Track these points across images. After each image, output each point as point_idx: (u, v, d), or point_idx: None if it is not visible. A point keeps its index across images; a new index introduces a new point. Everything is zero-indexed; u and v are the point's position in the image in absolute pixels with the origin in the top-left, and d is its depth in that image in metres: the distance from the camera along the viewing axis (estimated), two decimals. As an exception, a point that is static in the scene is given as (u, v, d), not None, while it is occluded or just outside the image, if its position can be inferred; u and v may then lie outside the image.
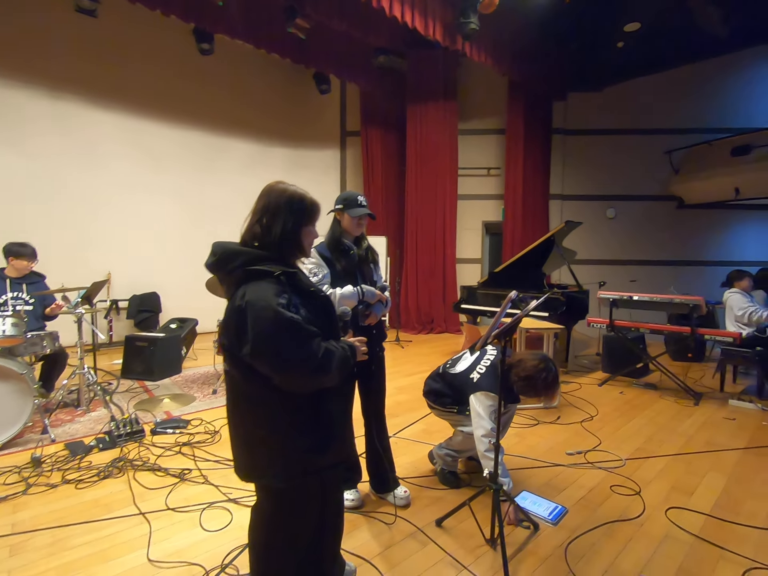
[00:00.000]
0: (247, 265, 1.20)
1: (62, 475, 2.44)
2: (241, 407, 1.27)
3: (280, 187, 1.30)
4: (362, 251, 2.12)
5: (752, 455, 2.85)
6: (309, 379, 1.20)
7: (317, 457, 1.26)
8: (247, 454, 1.28)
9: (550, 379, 2.12)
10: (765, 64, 7.20)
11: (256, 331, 1.12)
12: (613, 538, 1.97)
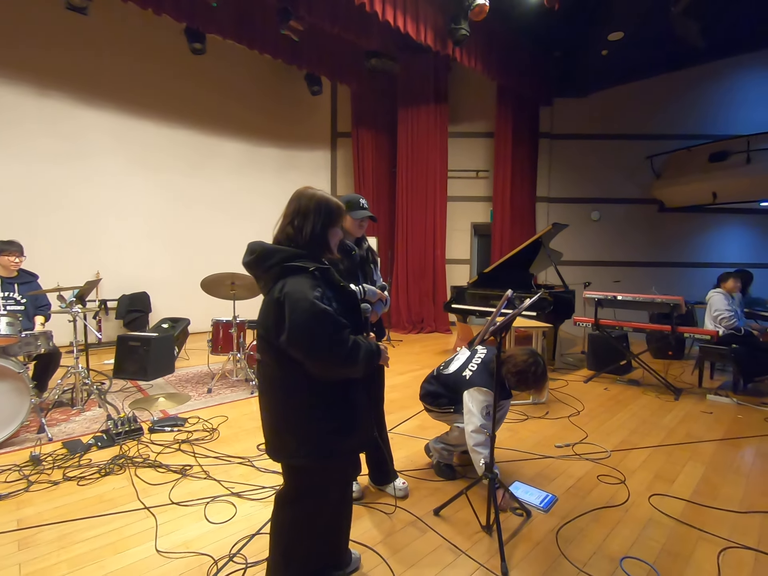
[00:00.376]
0: (284, 261, 1.32)
1: (63, 472, 2.46)
2: (274, 392, 1.38)
3: (309, 192, 1.43)
4: (363, 252, 2.20)
5: (728, 446, 3.01)
6: (338, 366, 1.31)
7: (343, 439, 1.38)
8: (278, 435, 1.39)
9: (540, 372, 2.25)
10: (742, 73, 7.50)
11: (293, 320, 1.24)
12: (600, 523, 2.09)
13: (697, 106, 7.61)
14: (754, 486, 2.47)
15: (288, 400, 1.36)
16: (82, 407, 3.47)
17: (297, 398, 1.35)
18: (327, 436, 1.36)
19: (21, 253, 3.51)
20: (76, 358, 3.34)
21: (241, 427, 3.22)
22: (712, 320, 4.27)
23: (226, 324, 4.34)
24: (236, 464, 2.62)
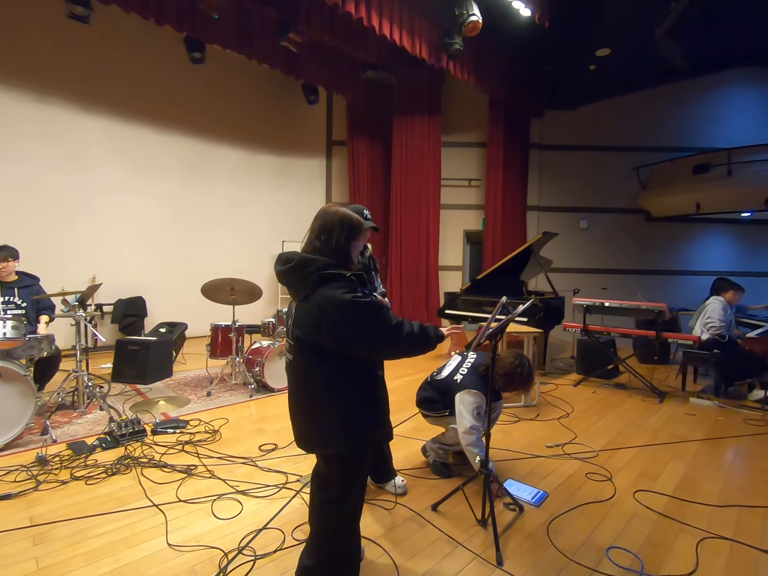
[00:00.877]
0: (322, 270, 1.45)
1: (70, 472, 2.52)
2: (314, 388, 1.52)
3: (333, 210, 1.58)
4: (366, 260, 2.32)
5: (709, 446, 3.17)
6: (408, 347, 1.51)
7: (374, 430, 1.57)
8: (314, 428, 1.54)
9: (526, 374, 2.41)
10: (722, 89, 7.83)
11: (351, 318, 1.40)
12: (588, 517, 2.22)
13: (680, 119, 7.91)
14: (731, 482, 2.62)
15: (328, 396, 1.50)
16: (84, 410, 3.52)
17: (336, 393, 1.50)
18: (360, 428, 1.53)
19: (13, 257, 3.52)
20: (79, 361, 3.40)
21: (242, 429, 3.30)
22: (702, 325, 4.42)
23: (225, 328, 4.41)
24: (239, 464, 2.70)
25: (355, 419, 1.52)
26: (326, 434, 1.51)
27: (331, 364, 1.48)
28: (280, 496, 2.33)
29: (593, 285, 7.37)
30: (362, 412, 1.53)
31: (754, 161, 6.64)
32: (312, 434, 1.56)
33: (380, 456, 2.39)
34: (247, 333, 4.81)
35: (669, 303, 4.81)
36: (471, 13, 4.95)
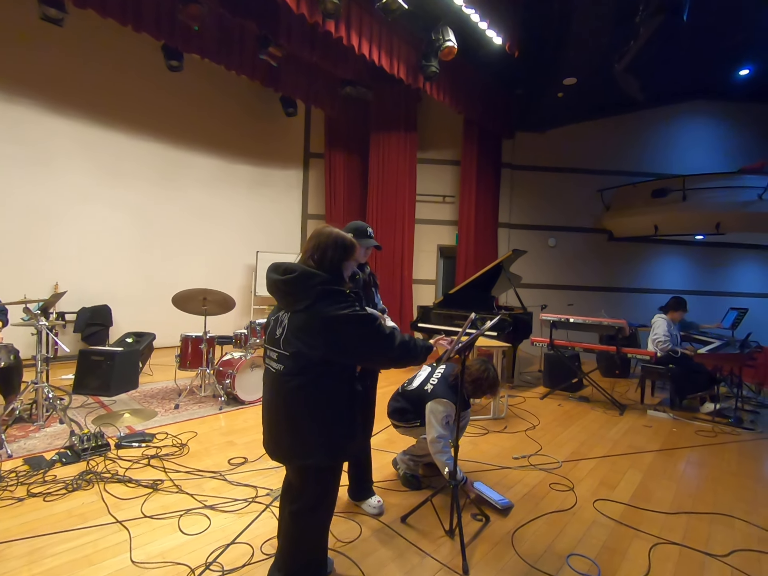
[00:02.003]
0: (323, 284, 1.51)
1: (27, 488, 2.42)
2: (295, 399, 1.55)
3: (327, 231, 1.65)
4: (366, 276, 2.35)
5: (663, 456, 3.35)
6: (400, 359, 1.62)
7: (350, 441, 1.63)
8: (294, 438, 1.57)
9: (492, 378, 2.54)
10: (678, 120, 8.40)
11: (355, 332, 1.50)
12: (551, 526, 2.31)
13: (641, 146, 8.41)
14: (682, 490, 2.78)
15: (313, 407, 1.55)
16: (43, 423, 3.37)
17: (321, 405, 1.55)
18: (342, 438, 1.59)
19: None
20: (40, 372, 3.27)
21: (211, 442, 3.24)
22: (651, 341, 4.71)
23: (196, 339, 4.34)
24: (208, 478, 2.66)
25: (336, 430, 1.57)
26: (306, 445, 1.55)
27: (317, 375, 1.53)
28: (249, 510, 2.31)
29: (560, 301, 7.65)
30: (343, 423, 1.58)
31: (707, 188, 7.13)
32: (291, 445, 1.58)
33: (360, 472, 2.41)
34: (218, 344, 4.75)
35: (629, 319, 5.07)
36: (447, 39, 5.16)
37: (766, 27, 5.93)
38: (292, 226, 8.32)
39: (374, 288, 2.42)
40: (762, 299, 8.49)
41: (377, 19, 5.08)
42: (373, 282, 2.43)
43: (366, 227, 2.31)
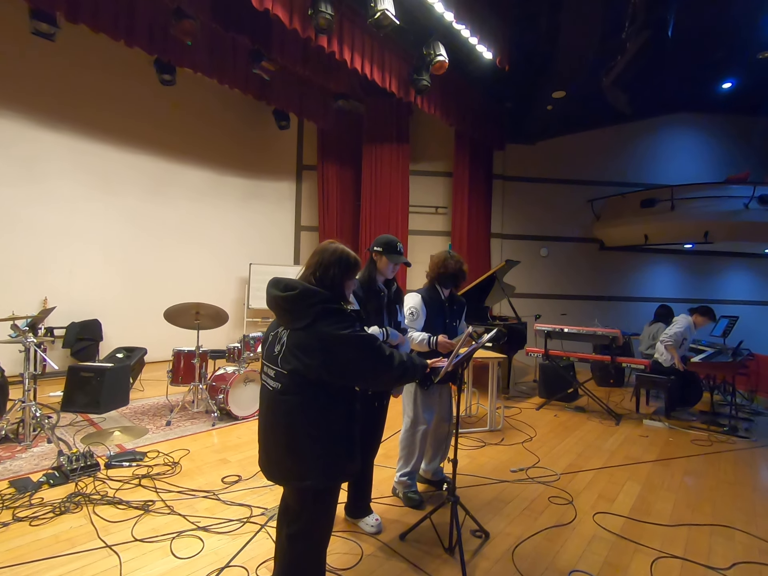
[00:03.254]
0: (324, 303, 1.48)
1: (12, 512, 2.34)
2: (293, 418, 1.51)
3: (332, 247, 1.63)
4: (391, 293, 2.29)
5: (660, 466, 3.34)
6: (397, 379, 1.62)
7: (349, 463, 1.58)
8: (292, 458, 1.52)
9: (456, 259, 2.65)
10: (666, 131, 8.59)
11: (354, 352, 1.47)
12: (551, 541, 2.27)
13: (629, 156, 8.57)
14: (681, 501, 2.77)
15: (311, 426, 1.51)
16: (30, 443, 3.28)
17: (319, 424, 1.51)
18: (341, 458, 1.56)
19: None
20: (27, 390, 3.19)
21: (204, 460, 3.18)
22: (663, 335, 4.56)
23: (189, 354, 4.28)
24: (201, 498, 2.59)
25: (335, 450, 1.54)
26: (303, 466, 1.51)
27: (314, 394, 1.50)
28: (244, 531, 2.25)
29: (553, 310, 7.68)
30: (342, 443, 1.55)
31: (694, 198, 7.26)
32: (287, 465, 1.54)
33: (359, 490, 2.37)
34: (211, 358, 4.68)
35: (622, 328, 5.11)
36: (438, 54, 5.23)
37: (746, 42, 6.12)
38: (286, 238, 8.30)
39: (398, 305, 2.34)
40: (752, 306, 8.61)
41: (369, 34, 5.14)
42: (398, 298, 2.35)
43: (396, 242, 2.25)
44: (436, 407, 2.71)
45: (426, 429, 2.62)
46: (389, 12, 4.39)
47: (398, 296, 2.37)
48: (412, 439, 2.63)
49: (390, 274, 2.28)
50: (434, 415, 2.70)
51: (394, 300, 2.32)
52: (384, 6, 4.36)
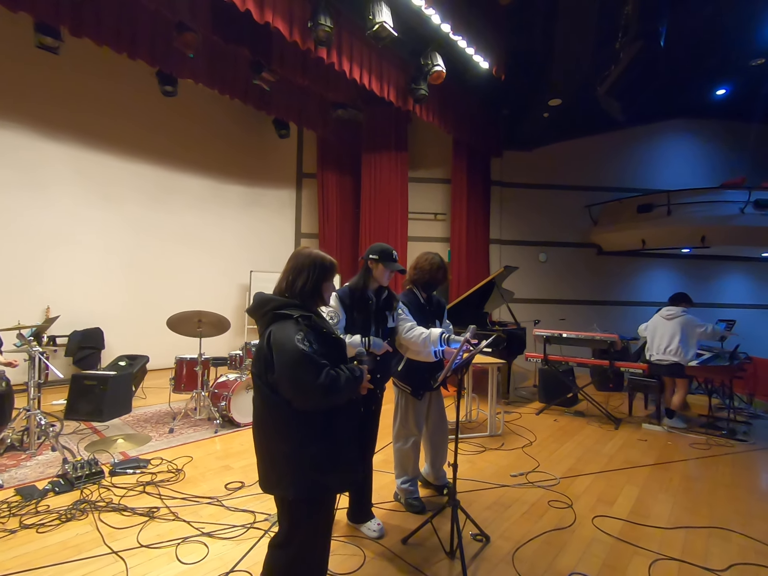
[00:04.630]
0: (275, 309, 1.52)
1: (19, 520, 2.37)
2: (265, 426, 1.54)
3: (305, 251, 1.64)
4: (381, 301, 2.31)
5: (659, 470, 3.37)
6: (320, 399, 1.45)
7: (328, 476, 1.51)
8: (269, 466, 1.54)
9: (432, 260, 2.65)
10: (661, 137, 8.69)
11: (279, 360, 1.43)
12: (551, 545, 2.31)
13: (625, 162, 8.66)
14: (679, 504, 2.80)
15: (276, 435, 1.51)
16: (35, 451, 3.31)
17: (288, 432, 1.49)
18: (314, 470, 1.47)
19: None
20: (32, 398, 3.23)
21: (207, 466, 3.21)
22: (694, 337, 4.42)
23: (191, 361, 4.32)
24: (205, 504, 2.63)
25: (307, 461, 1.46)
26: (277, 474, 1.50)
27: (283, 402, 1.46)
28: (247, 536, 2.29)
29: (552, 315, 7.73)
30: (315, 453, 1.47)
31: (691, 203, 7.34)
32: (267, 473, 1.55)
33: (360, 495, 2.40)
34: (213, 366, 4.72)
35: (620, 332, 5.15)
36: (435, 64, 5.32)
37: (740, 50, 6.22)
38: (286, 245, 8.36)
39: (388, 311, 2.35)
40: (749, 310, 8.66)
41: (367, 44, 5.23)
42: (389, 305, 2.35)
43: (392, 250, 2.29)
44: (426, 415, 2.74)
45: (417, 439, 2.65)
46: (387, 24, 4.48)
47: (388, 303, 2.36)
48: (404, 450, 2.64)
49: (386, 281, 2.32)
50: (424, 423, 2.72)
51: (383, 307, 2.33)
52: (382, 18, 4.46)
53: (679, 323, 4.41)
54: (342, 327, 2.21)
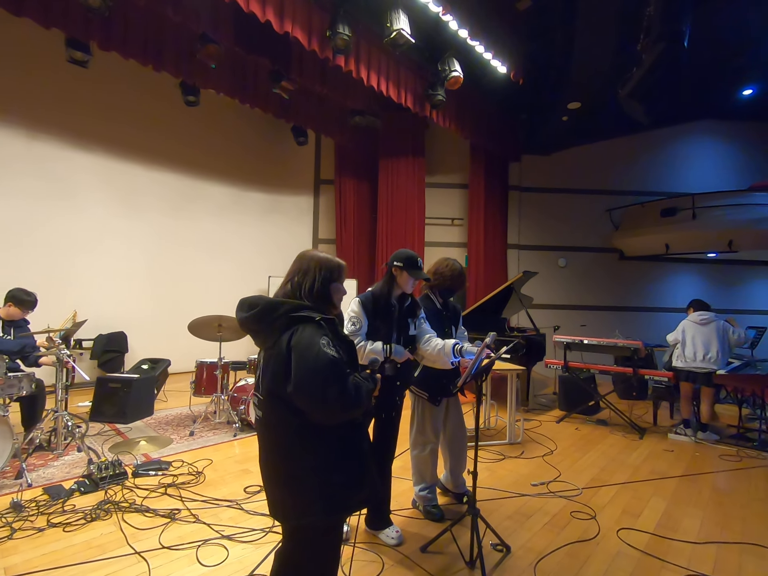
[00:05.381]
0: (290, 312, 1.37)
1: (47, 518, 2.43)
2: (285, 447, 1.37)
3: (310, 253, 1.55)
4: (404, 309, 2.30)
5: (687, 482, 3.26)
6: (343, 412, 1.35)
7: (353, 493, 1.41)
8: (290, 493, 1.38)
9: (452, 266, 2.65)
10: (685, 139, 8.49)
11: (302, 367, 1.28)
12: (574, 557, 2.24)
13: (648, 166, 8.48)
14: (709, 518, 2.69)
15: (304, 453, 1.36)
16: (61, 452, 3.40)
17: (313, 450, 1.36)
18: (342, 488, 1.37)
19: (31, 308, 3.63)
20: (60, 400, 3.33)
21: (227, 470, 3.24)
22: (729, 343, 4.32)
23: (211, 365, 4.38)
24: (224, 507, 2.65)
25: (333, 479, 1.36)
26: (303, 500, 1.35)
27: (305, 415, 1.33)
28: (267, 540, 2.29)
29: (572, 321, 7.58)
30: (342, 471, 1.38)
31: (717, 206, 7.12)
32: (287, 501, 1.39)
33: (378, 502, 2.38)
34: (233, 370, 4.78)
35: (643, 339, 5.01)
36: (453, 69, 5.33)
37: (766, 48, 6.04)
38: (303, 249, 8.43)
39: (410, 319, 2.33)
40: (780, 317, 8.33)
41: (385, 51, 5.27)
42: (412, 313, 2.33)
43: (417, 258, 2.26)
44: (444, 422, 2.71)
45: (434, 446, 2.61)
46: (405, 31, 4.51)
47: (411, 310, 2.34)
48: (421, 457, 2.62)
49: (410, 288, 2.30)
50: (442, 430, 2.70)
51: (406, 314, 2.31)
52: (400, 26, 4.50)
53: (715, 329, 4.27)
54: (364, 333, 2.20)
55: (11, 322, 3.52)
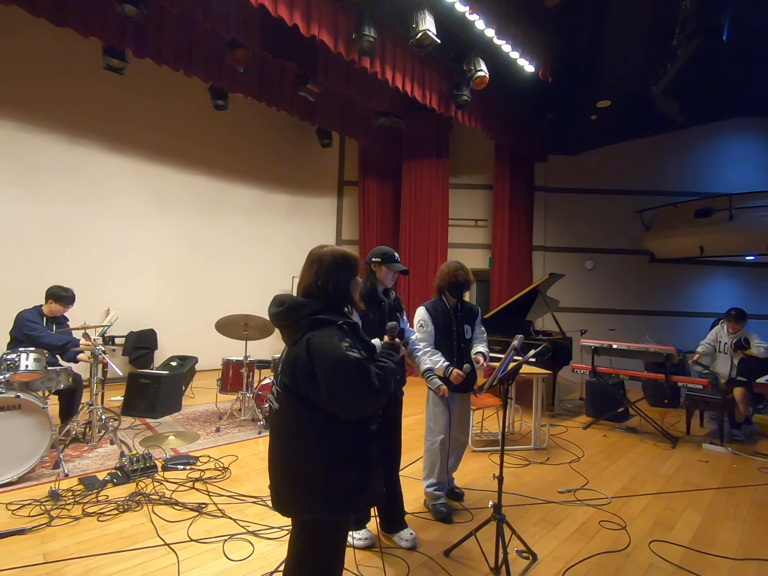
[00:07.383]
0: (314, 314, 1.39)
1: (82, 508, 2.53)
2: (299, 443, 1.40)
3: (326, 250, 1.52)
4: (391, 301, 2.39)
5: (724, 494, 3.11)
6: (373, 404, 1.40)
7: (359, 495, 1.41)
8: (298, 487, 1.39)
9: (449, 264, 2.70)
10: (722, 137, 8.13)
11: (328, 371, 1.31)
12: (603, 568, 2.18)
13: (681, 165, 8.17)
14: (749, 533, 2.57)
15: (318, 450, 1.38)
16: (96, 444, 3.53)
17: (326, 448, 1.38)
18: (350, 489, 1.39)
19: (71, 303, 3.79)
20: (95, 394, 3.46)
21: (252, 466, 3.29)
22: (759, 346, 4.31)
23: (237, 363, 4.47)
24: (250, 503, 2.69)
25: (344, 479, 1.38)
26: (311, 495, 1.37)
27: (322, 415, 1.36)
28: (291, 537, 2.32)
29: (600, 325, 7.38)
30: (352, 472, 1.40)
31: (756, 207, 6.80)
32: (295, 495, 1.40)
33: (391, 504, 2.37)
34: (257, 368, 4.86)
35: (676, 345, 4.83)
36: (479, 69, 5.27)
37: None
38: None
39: (399, 313, 2.43)
40: (825, 323, 7.87)
41: (410, 52, 5.27)
42: (398, 306, 2.45)
43: (393, 252, 2.35)
44: (455, 417, 2.71)
45: (444, 439, 2.63)
46: (431, 32, 4.49)
47: (399, 304, 2.46)
48: (432, 450, 2.66)
49: (389, 282, 2.38)
50: (451, 425, 2.68)
51: (395, 308, 2.41)
52: (425, 26, 4.48)
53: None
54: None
55: (53, 319, 3.68)
